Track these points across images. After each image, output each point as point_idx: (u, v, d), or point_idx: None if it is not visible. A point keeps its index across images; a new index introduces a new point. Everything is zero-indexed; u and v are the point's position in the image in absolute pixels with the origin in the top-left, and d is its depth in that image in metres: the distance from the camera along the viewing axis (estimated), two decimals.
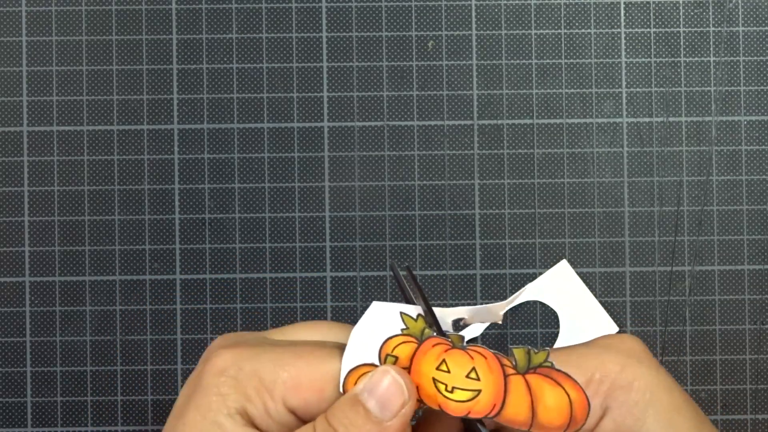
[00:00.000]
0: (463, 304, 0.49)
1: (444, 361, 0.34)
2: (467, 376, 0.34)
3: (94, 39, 0.49)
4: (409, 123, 0.49)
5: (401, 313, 0.35)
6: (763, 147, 0.49)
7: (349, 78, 0.49)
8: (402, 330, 0.35)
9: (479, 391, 0.34)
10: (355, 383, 0.34)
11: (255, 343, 0.36)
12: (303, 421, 0.35)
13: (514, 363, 0.34)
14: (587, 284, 0.48)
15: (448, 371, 0.34)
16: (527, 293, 0.49)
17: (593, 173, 0.49)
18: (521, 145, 0.49)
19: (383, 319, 0.35)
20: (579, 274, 0.48)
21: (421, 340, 0.34)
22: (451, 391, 0.34)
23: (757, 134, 0.49)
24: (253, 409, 0.34)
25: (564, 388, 0.34)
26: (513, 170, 0.49)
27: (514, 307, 0.49)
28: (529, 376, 0.34)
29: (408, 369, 0.34)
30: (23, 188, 0.49)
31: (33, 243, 0.49)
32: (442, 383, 0.34)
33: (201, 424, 0.34)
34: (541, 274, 0.49)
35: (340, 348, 0.35)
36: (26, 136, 0.49)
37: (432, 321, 0.35)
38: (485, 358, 0.34)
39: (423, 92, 0.49)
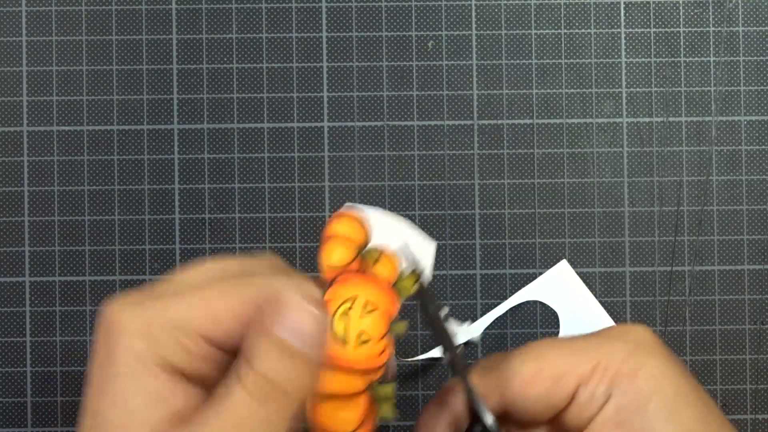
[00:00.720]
0: (463, 304, 0.49)
1: (356, 298, 0.34)
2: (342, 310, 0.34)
3: (94, 39, 0.49)
4: (409, 123, 0.49)
5: (415, 271, 0.35)
6: (763, 147, 0.49)
7: (349, 78, 0.49)
8: (404, 270, 0.35)
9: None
10: (332, 223, 0.34)
11: (156, 291, 0.33)
12: (225, 351, 0.32)
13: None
14: (587, 284, 0.48)
15: (350, 309, 0.34)
16: (527, 293, 0.49)
17: (593, 173, 0.49)
18: (521, 145, 0.49)
19: (416, 251, 0.35)
20: (579, 274, 0.49)
21: (391, 285, 0.34)
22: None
23: (757, 134, 0.49)
24: (171, 355, 0.31)
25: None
26: (513, 170, 0.49)
27: (515, 307, 0.49)
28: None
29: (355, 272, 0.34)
30: (23, 188, 0.49)
31: (33, 243, 0.49)
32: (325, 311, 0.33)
33: (126, 394, 0.31)
34: (541, 274, 0.49)
35: (240, 273, 0.33)
36: (26, 136, 0.49)
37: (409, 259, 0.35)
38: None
39: (423, 92, 0.49)
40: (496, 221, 0.49)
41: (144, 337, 0.31)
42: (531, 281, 0.49)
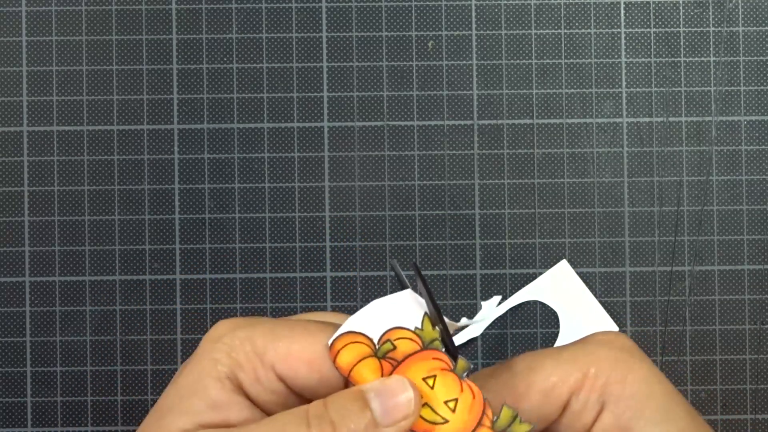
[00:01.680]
0: (463, 304, 0.49)
1: (434, 377, 0.34)
2: (446, 402, 0.34)
3: (94, 39, 0.49)
4: (409, 123, 0.49)
5: (426, 314, 0.35)
6: (763, 147, 0.49)
7: (349, 78, 0.49)
8: (415, 328, 0.35)
9: (447, 421, 0.33)
10: (339, 352, 0.34)
11: (254, 318, 0.36)
12: (294, 392, 0.35)
13: (495, 418, 0.33)
14: (587, 284, 0.48)
15: (432, 387, 0.34)
16: (527, 293, 0.49)
17: (593, 173, 0.49)
18: (521, 145, 0.49)
19: (406, 309, 0.35)
20: (579, 274, 0.49)
21: (424, 347, 0.34)
22: (422, 405, 0.34)
23: (757, 134, 0.49)
24: (243, 376, 0.34)
25: None
26: (513, 170, 0.49)
27: (515, 307, 0.49)
28: None
29: (396, 364, 0.34)
30: (23, 188, 0.49)
31: (33, 243, 0.49)
32: (420, 395, 0.34)
33: (190, 386, 0.34)
34: (541, 274, 0.49)
35: (335, 326, 0.35)
36: (26, 136, 0.49)
37: (437, 319, 0.35)
38: (473, 397, 0.34)
39: (423, 92, 0.49)
40: (496, 221, 0.49)
41: (227, 352, 0.34)
42: (531, 281, 0.49)
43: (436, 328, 0.34)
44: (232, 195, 0.49)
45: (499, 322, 0.49)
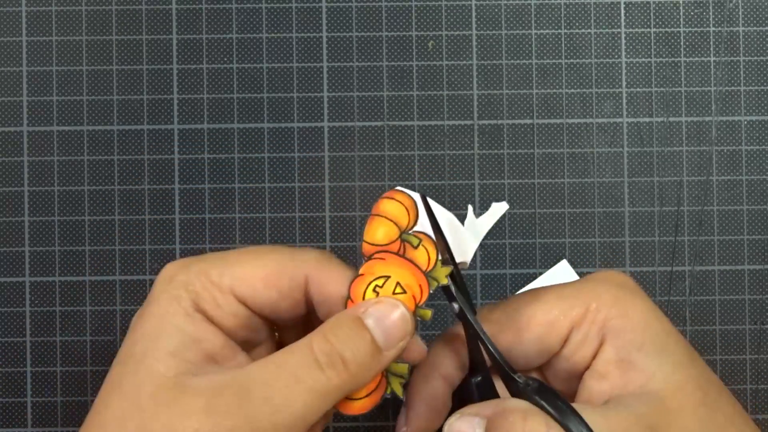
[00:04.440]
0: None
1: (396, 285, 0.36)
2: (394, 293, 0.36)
3: (94, 39, 0.49)
4: (409, 123, 0.49)
5: (451, 262, 0.37)
6: (763, 147, 0.49)
7: (349, 78, 0.49)
8: (443, 257, 0.36)
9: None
10: (385, 199, 0.36)
11: (200, 255, 0.37)
12: (255, 312, 0.36)
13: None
14: None
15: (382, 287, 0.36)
16: None
17: (593, 173, 0.49)
18: (521, 145, 0.49)
19: (454, 237, 0.37)
20: (579, 274, 0.49)
21: (426, 273, 0.36)
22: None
23: (757, 134, 0.49)
24: (204, 304, 0.35)
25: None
26: (513, 170, 0.49)
27: None
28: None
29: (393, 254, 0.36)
30: (23, 188, 0.49)
31: (33, 243, 0.49)
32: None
33: (157, 329, 0.34)
34: (541, 274, 0.49)
35: (280, 246, 0.36)
36: (26, 136, 0.49)
37: (444, 248, 0.36)
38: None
39: (423, 92, 0.49)
40: (496, 221, 0.49)
41: (184, 286, 0.35)
42: (531, 281, 0.49)
43: (447, 277, 0.36)
44: (232, 195, 0.49)
45: None
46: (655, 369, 0.35)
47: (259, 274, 0.35)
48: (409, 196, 0.36)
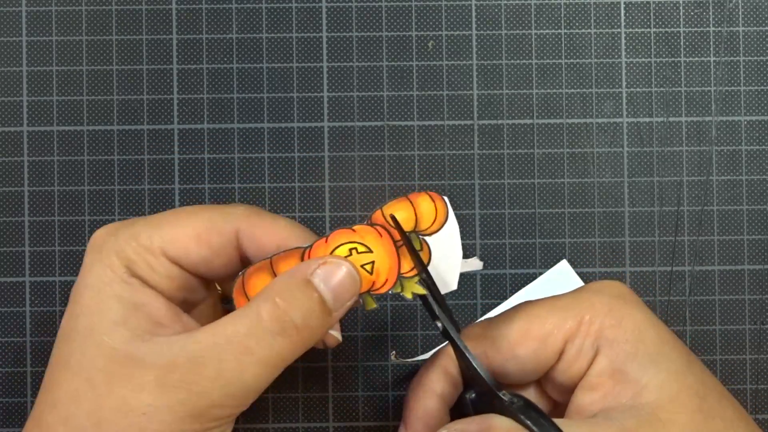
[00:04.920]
0: (463, 304, 0.49)
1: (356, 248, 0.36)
2: (362, 266, 0.36)
3: (94, 39, 0.49)
4: (409, 123, 0.49)
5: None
6: (763, 147, 0.49)
7: (349, 78, 0.49)
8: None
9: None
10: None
11: (127, 219, 0.37)
12: (189, 272, 0.36)
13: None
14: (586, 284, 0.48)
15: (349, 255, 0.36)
16: (527, 293, 0.49)
17: (593, 173, 0.49)
18: (521, 145, 0.49)
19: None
20: (579, 274, 0.49)
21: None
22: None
23: (757, 134, 0.49)
24: (138, 270, 0.35)
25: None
26: (513, 170, 0.49)
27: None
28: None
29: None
30: (23, 188, 0.49)
31: (33, 243, 0.49)
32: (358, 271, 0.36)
33: (98, 300, 0.34)
34: (541, 274, 0.49)
35: (208, 205, 0.36)
36: (26, 136, 0.49)
37: (418, 265, 0.36)
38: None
39: (423, 92, 0.49)
40: (496, 221, 0.49)
41: (116, 253, 0.34)
42: (531, 281, 0.49)
43: (418, 290, 0.36)
44: (232, 195, 0.49)
45: None
46: (648, 379, 0.35)
47: (190, 233, 0.35)
48: (447, 209, 0.36)
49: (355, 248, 0.35)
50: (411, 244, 0.36)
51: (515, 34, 0.49)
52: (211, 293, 0.38)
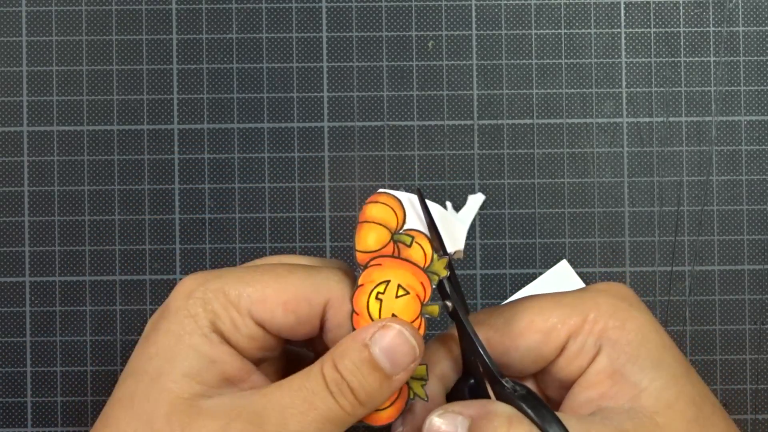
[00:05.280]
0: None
1: (407, 294, 0.36)
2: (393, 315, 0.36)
3: (94, 39, 0.49)
4: (409, 123, 0.49)
5: (447, 254, 0.36)
6: (763, 147, 0.49)
7: (349, 78, 0.49)
8: (439, 252, 0.36)
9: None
10: (371, 203, 0.35)
11: (220, 269, 0.36)
12: (272, 334, 0.36)
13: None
14: (587, 284, 0.48)
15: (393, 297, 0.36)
16: (527, 293, 0.49)
17: (593, 173, 0.49)
18: (521, 145, 0.49)
19: (448, 230, 0.36)
20: (579, 274, 0.49)
21: (425, 269, 0.36)
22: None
23: (757, 134, 0.49)
24: (222, 325, 0.34)
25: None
26: (513, 170, 0.49)
27: None
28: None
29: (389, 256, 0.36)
30: (23, 188, 0.49)
31: (33, 243, 0.49)
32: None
33: (174, 347, 0.34)
34: (541, 274, 0.49)
35: (303, 267, 0.36)
36: (26, 136, 0.49)
37: (439, 245, 0.36)
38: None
39: (423, 92, 0.49)
40: (496, 221, 0.49)
41: (203, 305, 0.34)
42: (531, 281, 0.49)
43: (446, 269, 0.35)
44: (232, 195, 0.49)
45: None
46: (647, 383, 0.35)
47: (279, 299, 0.35)
48: (393, 196, 0.36)
49: (378, 291, 0.35)
50: (432, 221, 0.36)
51: (515, 34, 0.49)
52: (282, 350, 0.38)
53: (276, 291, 0.35)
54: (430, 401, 0.37)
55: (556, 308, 0.37)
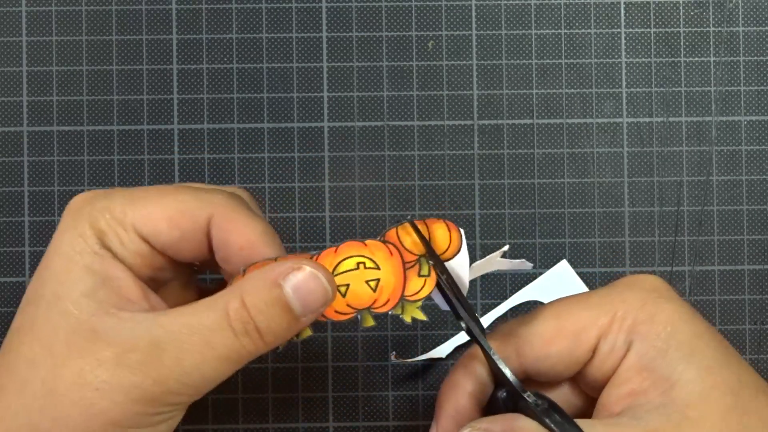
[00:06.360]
0: None
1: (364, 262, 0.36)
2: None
3: (94, 39, 0.49)
4: (409, 123, 0.49)
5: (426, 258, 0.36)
6: (763, 147, 0.49)
7: (349, 78, 0.49)
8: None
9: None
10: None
11: (109, 189, 0.36)
12: (158, 251, 0.35)
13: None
14: (587, 284, 0.48)
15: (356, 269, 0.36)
16: (527, 293, 0.49)
17: (593, 173, 0.49)
18: (521, 145, 0.49)
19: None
20: (579, 274, 0.49)
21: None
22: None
23: (757, 134, 0.49)
24: (109, 242, 0.34)
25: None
26: (513, 170, 0.49)
27: (515, 307, 0.49)
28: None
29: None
30: (23, 188, 0.49)
31: (33, 243, 0.49)
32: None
33: (69, 269, 0.34)
34: (541, 274, 0.49)
35: (189, 185, 0.36)
36: (26, 136, 0.49)
37: (442, 270, 0.36)
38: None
39: (423, 92, 0.49)
40: (496, 221, 0.49)
41: (89, 223, 0.34)
42: (531, 281, 0.49)
43: (413, 315, 0.35)
44: None
45: (500, 322, 0.49)
46: (677, 376, 0.34)
47: (162, 214, 0.35)
48: (461, 240, 0.36)
49: (363, 263, 0.35)
50: (432, 249, 0.36)
51: (515, 34, 0.49)
52: (180, 274, 0.38)
53: (160, 207, 0.35)
54: (462, 415, 0.36)
55: (583, 310, 0.36)
